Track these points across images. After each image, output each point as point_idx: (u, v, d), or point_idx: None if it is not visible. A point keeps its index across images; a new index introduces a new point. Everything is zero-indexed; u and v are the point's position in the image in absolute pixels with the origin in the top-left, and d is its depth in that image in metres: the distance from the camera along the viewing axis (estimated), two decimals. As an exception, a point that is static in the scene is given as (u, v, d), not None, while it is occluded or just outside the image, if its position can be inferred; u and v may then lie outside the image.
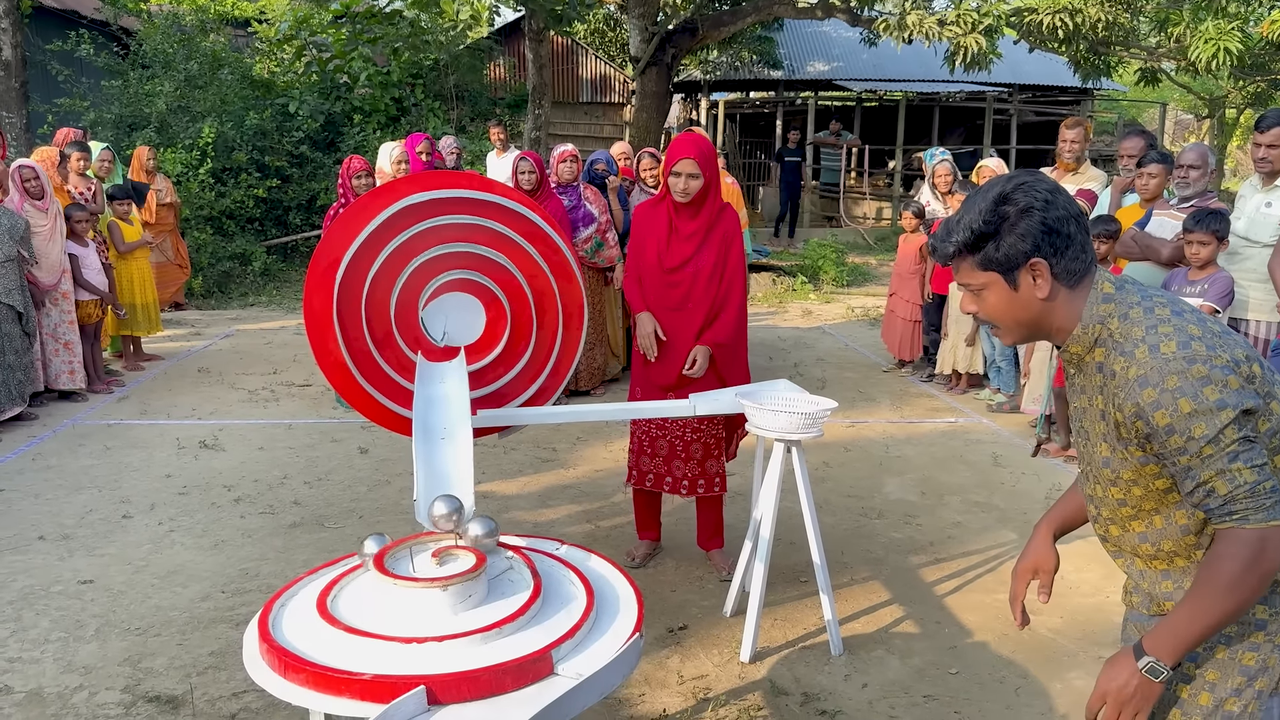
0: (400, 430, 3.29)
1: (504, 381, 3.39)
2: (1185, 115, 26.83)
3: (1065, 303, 1.69)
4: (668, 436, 3.95)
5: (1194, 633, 1.60)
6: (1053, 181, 1.70)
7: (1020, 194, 1.66)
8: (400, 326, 3.25)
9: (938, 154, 7.62)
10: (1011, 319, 1.74)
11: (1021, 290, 1.69)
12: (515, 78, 17.30)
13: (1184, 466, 1.59)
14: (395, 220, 3.15)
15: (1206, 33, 9.72)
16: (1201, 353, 1.56)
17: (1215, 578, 1.58)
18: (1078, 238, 1.67)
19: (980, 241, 1.69)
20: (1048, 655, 3.48)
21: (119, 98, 12.33)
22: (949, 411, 6.70)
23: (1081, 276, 1.69)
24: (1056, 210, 1.65)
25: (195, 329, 9.39)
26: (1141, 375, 1.58)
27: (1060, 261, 1.66)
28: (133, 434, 6.01)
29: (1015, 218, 1.66)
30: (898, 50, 13.50)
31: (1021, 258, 1.66)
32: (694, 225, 3.81)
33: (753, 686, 3.24)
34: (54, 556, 4.21)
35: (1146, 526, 1.75)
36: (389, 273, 3.19)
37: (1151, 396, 1.57)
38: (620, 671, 1.96)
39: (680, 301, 3.83)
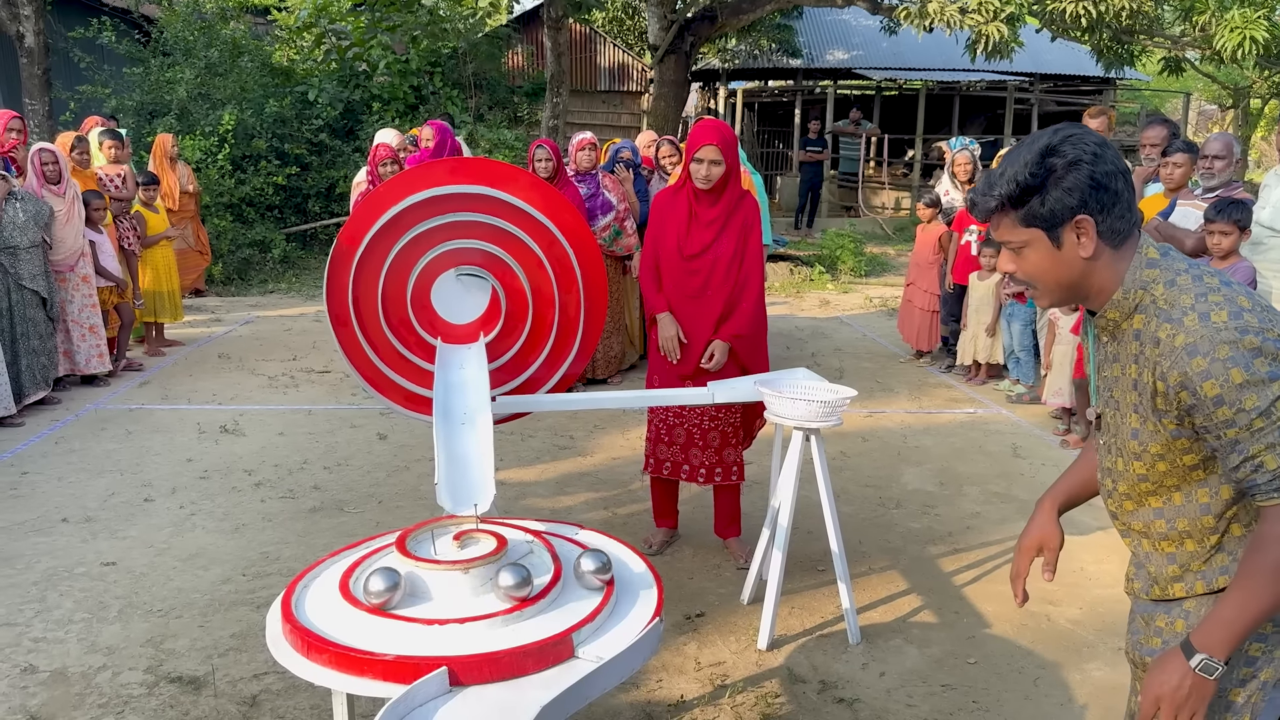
0: (420, 410, 3.31)
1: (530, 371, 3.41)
2: (1209, 105, 26.54)
3: (1108, 264, 1.62)
4: (685, 425, 3.96)
5: (1245, 622, 1.53)
6: (1100, 135, 1.62)
7: (1068, 146, 1.58)
8: (417, 311, 3.26)
9: (964, 143, 7.57)
10: (1053, 279, 1.66)
11: (1065, 248, 1.62)
12: (533, 66, 17.29)
13: (1231, 440, 1.52)
14: (416, 210, 3.16)
15: (1232, 21, 9.60)
16: (1254, 324, 1.50)
17: (1266, 560, 1.51)
18: (1125, 195, 1.60)
19: (1024, 195, 1.61)
20: (1067, 646, 3.47)
21: (140, 85, 12.38)
22: (968, 402, 6.68)
23: (1126, 237, 1.62)
24: (1105, 165, 1.58)
25: (215, 315, 9.44)
26: (1191, 344, 1.51)
27: (1106, 219, 1.59)
28: (154, 418, 6.06)
29: (1062, 171, 1.58)
30: (918, 38, 13.39)
31: (1067, 213, 1.59)
32: (714, 212, 3.80)
33: (770, 674, 3.25)
34: (77, 539, 4.26)
35: (1164, 503, 1.69)
36: (408, 258, 3.20)
37: (1201, 366, 1.50)
38: (640, 655, 1.97)
39: (699, 289, 3.83)
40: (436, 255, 3.21)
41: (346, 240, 3.16)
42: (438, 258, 3.22)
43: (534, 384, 3.39)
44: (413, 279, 3.21)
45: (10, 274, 5.95)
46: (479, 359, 3.18)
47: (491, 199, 3.18)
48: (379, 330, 3.21)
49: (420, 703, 1.77)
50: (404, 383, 3.26)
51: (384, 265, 3.17)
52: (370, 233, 3.13)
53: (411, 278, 3.21)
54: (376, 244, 3.15)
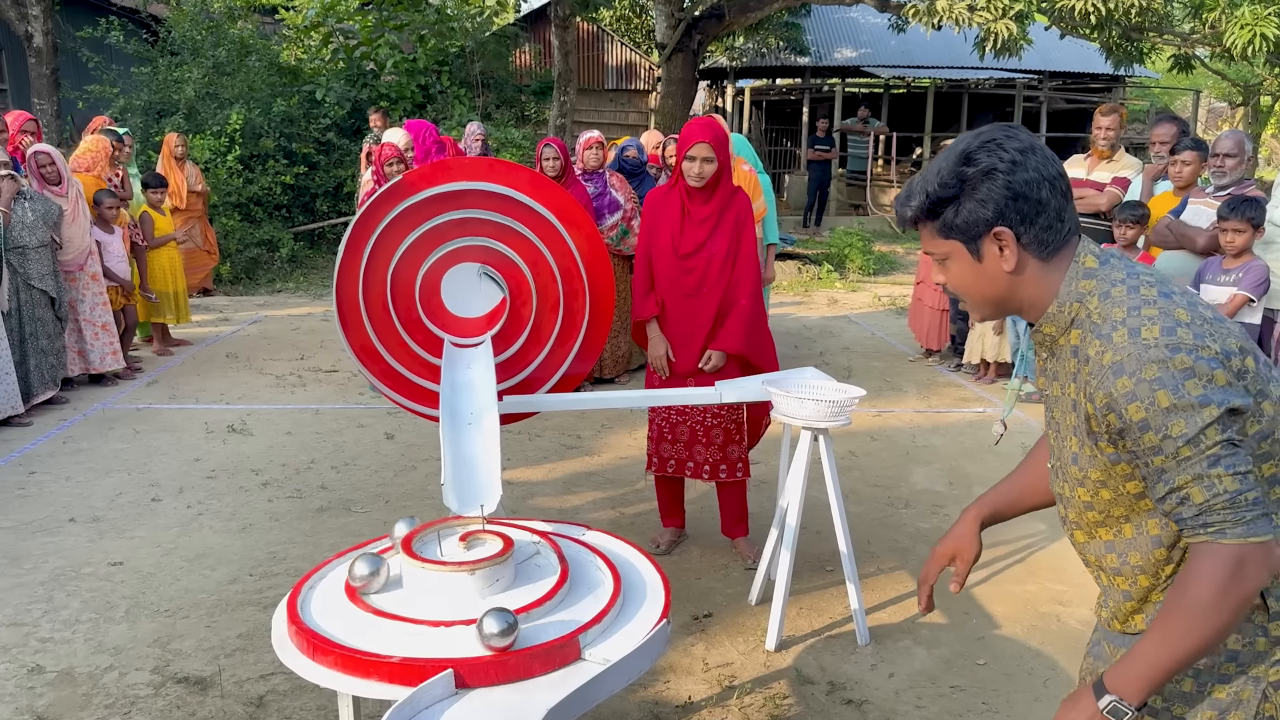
0: (428, 404, 3.29)
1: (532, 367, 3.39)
2: (1219, 103, 26.42)
3: (1036, 277, 1.51)
4: (688, 422, 3.95)
5: (1163, 666, 1.41)
6: (1029, 139, 1.50)
7: (983, 154, 1.48)
8: (425, 306, 3.25)
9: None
10: (977, 293, 1.57)
11: (986, 261, 1.52)
12: (541, 64, 17.28)
13: (1157, 468, 1.40)
14: (423, 207, 3.15)
15: (1242, 18, 9.54)
16: (1188, 341, 1.37)
17: (1187, 601, 1.39)
18: (1051, 203, 1.48)
19: (939, 206, 1.52)
20: (1077, 647, 3.44)
21: (148, 84, 12.42)
22: (977, 401, 6.65)
23: (1057, 249, 1.50)
24: (1025, 173, 1.46)
25: (223, 315, 9.45)
26: (1117, 362, 1.39)
27: (1029, 230, 1.48)
28: (162, 418, 6.06)
29: (976, 180, 1.48)
30: (926, 36, 13.37)
31: (983, 225, 1.49)
32: (707, 210, 3.81)
33: (778, 675, 3.23)
34: (84, 538, 4.26)
35: (1114, 535, 1.56)
36: (415, 256, 3.19)
37: (1126, 386, 1.38)
38: (647, 657, 1.95)
39: (695, 287, 3.83)
40: (444, 253, 3.20)
41: (356, 236, 3.15)
42: (445, 255, 3.20)
43: (536, 382, 3.37)
44: (421, 274, 3.20)
45: (19, 274, 5.96)
46: (486, 359, 3.17)
47: (499, 196, 3.17)
48: (388, 323, 3.20)
49: (426, 705, 1.76)
50: (411, 376, 3.25)
51: (392, 260, 3.16)
52: (378, 229, 3.13)
53: (420, 273, 3.20)
54: (385, 240, 3.15)
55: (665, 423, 4.00)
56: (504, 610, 1.88)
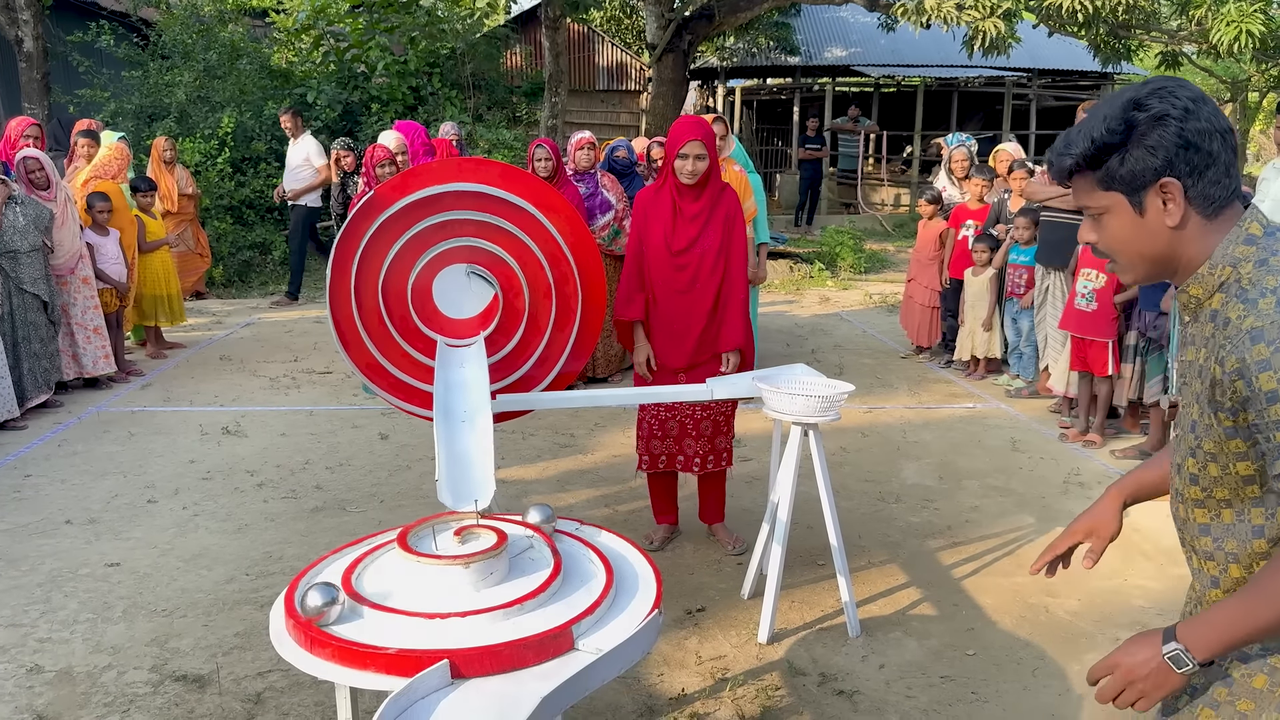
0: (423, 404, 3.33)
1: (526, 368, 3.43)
2: (1207, 99, 26.51)
3: (1198, 235, 1.42)
4: (678, 417, 4.00)
5: (1238, 633, 1.37)
6: (1198, 90, 1.41)
7: (1155, 100, 1.39)
8: (417, 307, 3.28)
9: (961, 139, 7.59)
10: (1135, 250, 1.47)
11: (1149, 215, 1.43)
12: (532, 65, 17.31)
13: (1278, 444, 1.32)
14: (414, 209, 3.19)
15: (1228, 15, 9.61)
16: None
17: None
18: (1222, 158, 1.39)
19: (1103, 154, 1.43)
20: (1065, 637, 3.49)
21: (139, 88, 12.41)
22: (967, 397, 6.70)
23: (1222, 206, 1.42)
24: (1198, 121, 1.38)
25: (216, 317, 9.47)
26: (1257, 328, 1.32)
27: (1198, 184, 1.40)
28: (156, 420, 6.08)
29: (1146, 127, 1.39)
30: (915, 35, 13.42)
31: (1151, 175, 1.40)
32: (698, 206, 3.86)
33: (770, 667, 3.27)
34: (81, 540, 4.28)
35: (1211, 519, 1.49)
36: (408, 257, 3.23)
37: (1263, 354, 1.31)
38: (640, 647, 1.99)
39: (688, 284, 3.89)
40: (436, 254, 3.24)
41: (348, 239, 3.18)
42: (437, 256, 3.24)
43: (530, 381, 3.41)
44: (413, 276, 3.23)
45: (11, 278, 5.97)
46: (479, 358, 3.20)
47: (490, 197, 3.21)
48: (388, 337, 3.24)
49: (422, 695, 1.79)
50: (404, 377, 3.28)
51: (385, 262, 3.20)
52: (371, 229, 3.16)
53: (412, 275, 3.23)
54: (377, 241, 3.18)
55: (654, 420, 4.04)
56: (329, 585, 1.98)
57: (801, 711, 3.02)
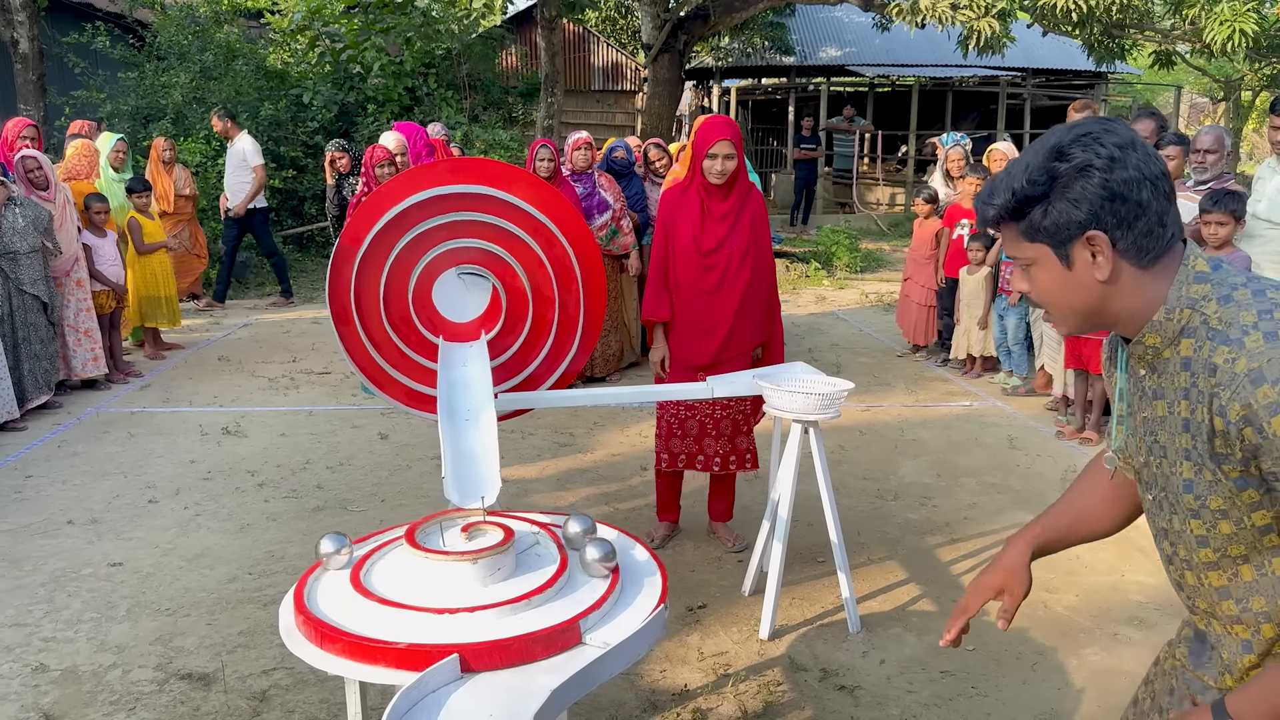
0: (422, 407, 3.35)
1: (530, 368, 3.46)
2: (1200, 98, 26.66)
3: (1134, 287, 1.35)
4: (698, 416, 4.02)
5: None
6: (1129, 134, 1.34)
7: (1078, 149, 1.32)
8: (418, 309, 3.30)
9: (956, 139, 7.63)
10: (1064, 303, 1.40)
11: (1077, 268, 1.36)
12: (528, 66, 17.33)
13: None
14: (416, 210, 3.21)
15: (1222, 14, 9.66)
16: None
17: None
18: (1153, 206, 1.31)
19: (1025, 206, 1.36)
20: (1064, 632, 3.52)
21: (135, 89, 12.41)
22: (963, 395, 6.73)
23: (1159, 256, 1.34)
24: (1125, 170, 1.30)
25: (214, 318, 9.47)
26: (1256, 369, 1.22)
27: (1127, 236, 1.32)
28: (156, 421, 6.09)
29: (1069, 178, 1.32)
30: (910, 35, 13.45)
31: (1075, 228, 1.33)
32: (726, 206, 3.87)
33: (772, 663, 3.30)
34: (83, 540, 4.29)
35: (1229, 580, 1.37)
36: (409, 258, 3.25)
37: (1269, 397, 1.21)
38: (646, 641, 2.01)
39: (716, 284, 3.89)
40: (437, 254, 3.26)
41: (348, 240, 3.20)
42: (438, 257, 3.26)
43: (535, 381, 3.44)
44: (414, 278, 3.25)
45: (11, 279, 5.98)
46: (481, 356, 3.22)
47: (491, 198, 3.23)
48: (381, 329, 3.26)
49: (432, 689, 1.81)
50: (408, 381, 3.30)
51: (385, 264, 3.22)
52: (371, 233, 3.18)
53: (413, 277, 3.25)
54: (378, 244, 3.20)
55: (674, 418, 4.05)
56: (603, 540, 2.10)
57: (803, 707, 3.05)
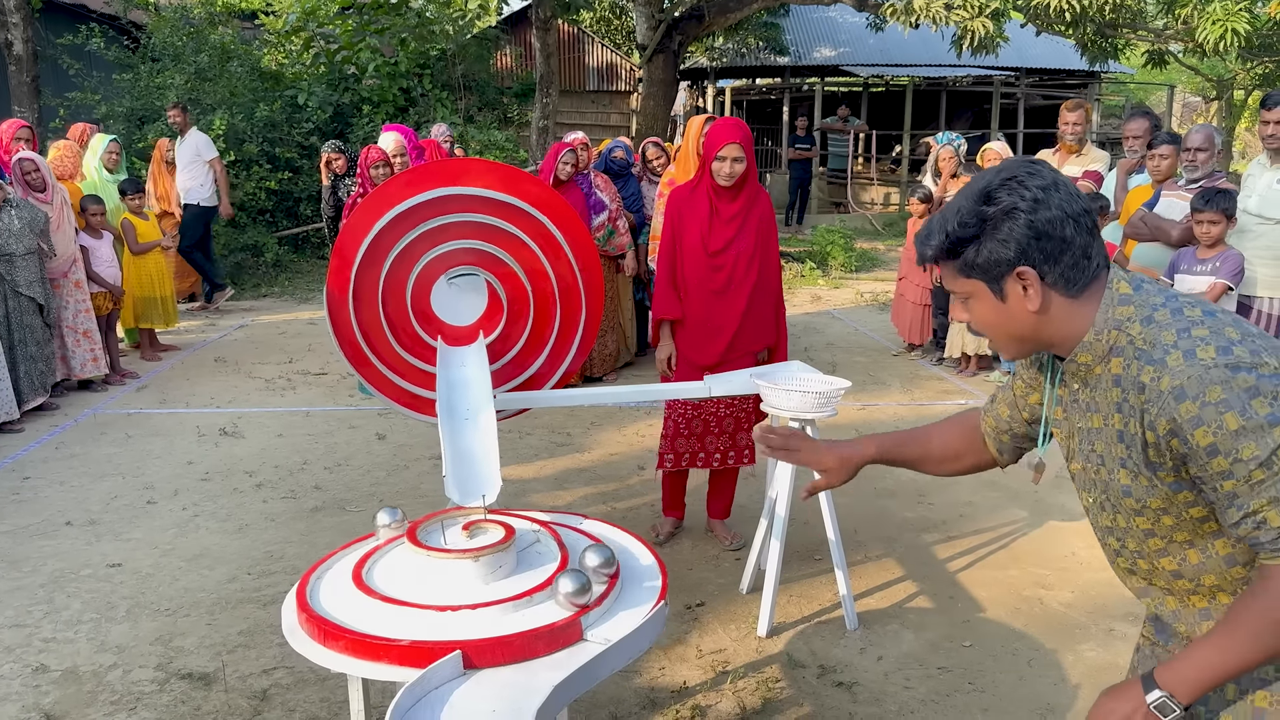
0: (421, 410, 3.37)
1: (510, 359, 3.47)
2: (1193, 97, 26.72)
3: (1065, 314, 1.47)
4: (703, 415, 4.05)
5: (1220, 670, 1.39)
6: (1052, 175, 1.46)
7: (1004, 193, 1.44)
8: (417, 311, 3.32)
9: (950, 138, 7.66)
10: (1002, 332, 1.53)
11: (1010, 301, 1.48)
12: (522, 66, 17.34)
13: (1228, 493, 1.35)
14: (416, 212, 3.22)
15: (1214, 14, 9.70)
16: (1245, 358, 1.33)
17: (1259, 615, 1.36)
18: (1077, 241, 1.44)
19: (959, 246, 1.48)
20: (1059, 628, 3.55)
21: (130, 91, 12.40)
22: (959, 394, 6.76)
23: (1086, 285, 1.46)
24: (1048, 210, 1.42)
25: (210, 320, 9.47)
26: (1178, 386, 1.35)
27: (1054, 269, 1.44)
28: (153, 422, 6.10)
29: (997, 220, 1.44)
30: (904, 35, 13.50)
31: (1005, 265, 1.45)
32: (735, 208, 3.90)
33: (770, 660, 3.32)
34: (82, 541, 4.30)
35: (1180, 562, 1.51)
36: (408, 259, 3.26)
37: (1191, 411, 1.33)
38: (647, 637, 2.03)
39: (724, 285, 3.92)
40: (437, 255, 3.27)
41: (345, 245, 3.21)
42: (438, 258, 3.28)
43: (537, 381, 3.45)
44: (412, 280, 3.27)
45: (7, 281, 5.98)
46: (479, 357, 3.24)
47: (489, 200, 3.25)
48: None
49: (436, 685, 1.83)
50: (408, 386, 3.32)
51: (383, 268, 3.23)
52: (369, 236, 3.19)
53: (411, 279, 3.27)
54: (377, 247, 3.21)
55: (681, 418, 4.07)
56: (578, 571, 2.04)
57: (802, 703, 3.07)
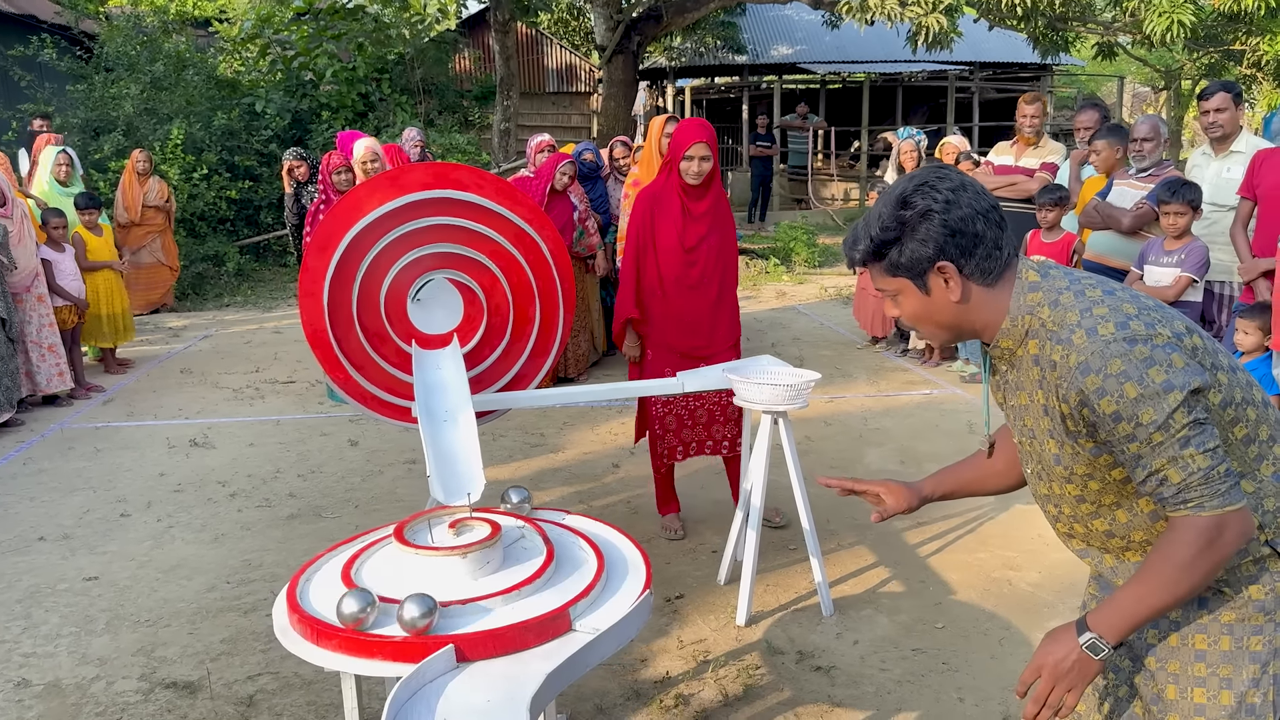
0: (398, 418, 3.41)
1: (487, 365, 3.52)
2: (1142, 88, 27.25)
3: (983, 302, 1.63)
4: (705, 405, 4.18)
5: (1140, 613, 1.55)
6: (959, 177, 1.61)
7: (919, 197, 1.59)
8: (390, 316, 3.36)
9: (910, 133, 7.78)
10: (930, 322, 1.69)
11: (934, 294, 1.63)
12: (482, 69, 17.34)
13: (1134, 455, 1.51)
14: (387, 219, 3.26)
15: (1160, 6, 9.94)
16: (1141, 332, 1.49)
17: (1168, 561, 1.52)
18: (988, 235, 1.59)
19: (883, 249, 1.63)
20: (1028, 607, 3.65)
21: (84, 102, 12.25)
22: (923, 384, 6.88)
23: (1000, 274, 1.62)
24: (959, 210, 1.58)
25: (173, 331, 9.39)
26: (1083, 361, 1.50)
27: (970, 262, 1.60)
28: (122, 435, 6.05)
29: (915, 222, 1.59)
30: (860, 32, 13.64)
31: (926, 262, 1.60)
32: (704, 205, 4.05)
33: (750, 648, 3.38)
34: (56, 556, 4.28)
35: (1110, 523, 1.68)
36: (381, 267, 3.30)
37: (1095, 383, 1.49)
38: (634, 625, 2.08)
39: (698, 279, 4.08)
40: (413, 259, 3.31)
41: (315, 257, 3.23)
42: (413, 262, 3.31)
43: (520, 383, 3.51)
44: (386, 284, 3.30)
45: (-32, 296, 5.91)
46: (455, 359, 3.29)
47: (463, 203, 3.29)
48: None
49: (430, 679, 1.87)
50: (387, 397, 3.35)
51: (357, 276, 3.26)
52: (343, 244, 3.22)
53: (386, 282, 3.30)
54: (349, 256, 3.24)
55: (684, 410, 4.19)
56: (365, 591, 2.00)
57: (781, 688, 3.14)
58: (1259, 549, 1.60)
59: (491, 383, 3.42)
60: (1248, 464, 1.59)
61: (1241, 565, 1.61)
